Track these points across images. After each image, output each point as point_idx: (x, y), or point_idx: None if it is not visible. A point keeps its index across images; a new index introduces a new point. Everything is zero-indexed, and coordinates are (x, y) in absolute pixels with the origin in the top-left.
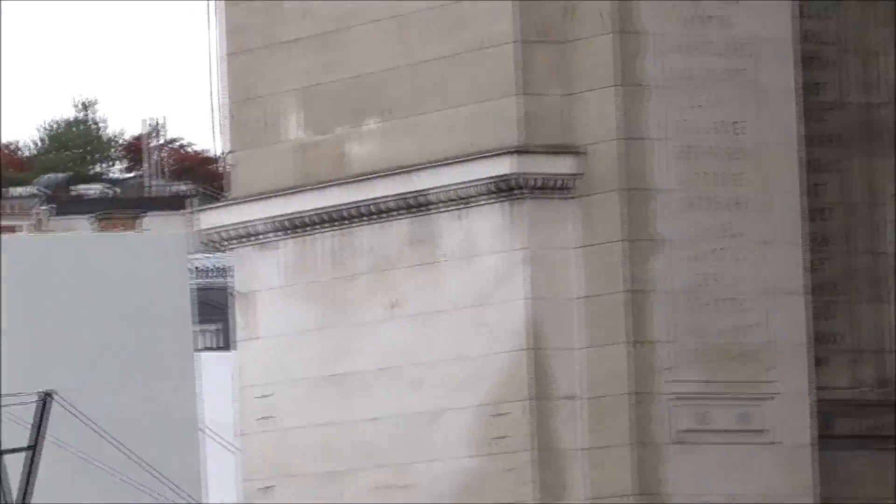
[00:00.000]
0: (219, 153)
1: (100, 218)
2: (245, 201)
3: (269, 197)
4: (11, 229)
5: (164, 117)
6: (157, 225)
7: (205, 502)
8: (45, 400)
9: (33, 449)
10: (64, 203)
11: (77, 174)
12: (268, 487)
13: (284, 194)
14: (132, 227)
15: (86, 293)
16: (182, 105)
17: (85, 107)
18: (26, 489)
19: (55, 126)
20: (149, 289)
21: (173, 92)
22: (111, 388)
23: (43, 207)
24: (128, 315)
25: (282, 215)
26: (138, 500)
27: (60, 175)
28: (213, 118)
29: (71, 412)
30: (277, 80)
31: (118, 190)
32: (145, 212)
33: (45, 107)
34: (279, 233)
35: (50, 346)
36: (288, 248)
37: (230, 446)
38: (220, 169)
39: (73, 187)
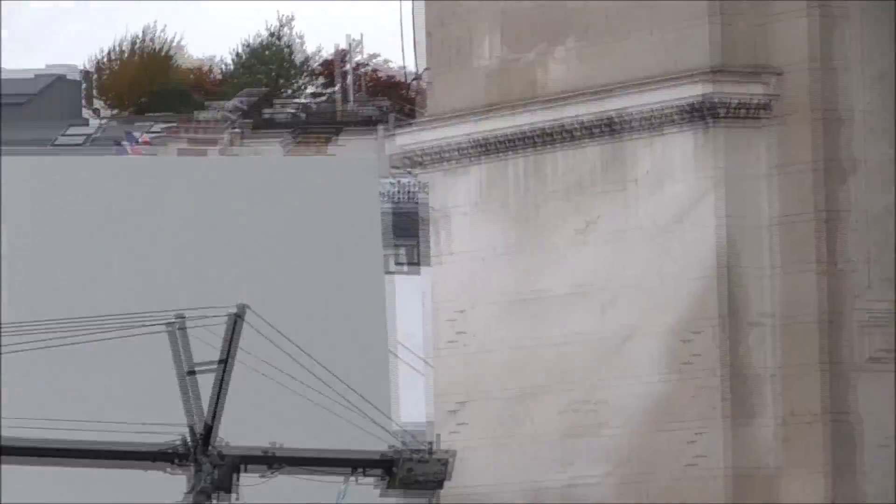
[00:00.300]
0: (413, 74)
1: (292, 139)
2: (441, 121)
3: (465, 117)
4: (202, 150)
5: (361, 35)
6: (349, 146)
7: (394, 421)
8: (238, 316)
9: (224, 364)
10: (256, 124)
11: (269, 94)
12: (459, 405)
13: (479, 115)
14: (324, 148)
15: (276, 214)
16: (377, 24)
17: (280, 27)
18: (216, 406)
19: (249, 45)
20: (340, 210)
21: (369, 11)
22: (302, 308)
23: (235, 130)
24: (319, 237)
25: (477, 136)
26: (328, 419)
27: (253, 95)
28: (402, 37)
29: (259, 331)
30: (474, 1)
31: (311, 110)
32: (338, 132)
33: (238, 25)
34: (474, 153)
35: (240, 266)
36: (482, 169)
37: (419, 365)
38: (415, 90)
39: (265, 109)
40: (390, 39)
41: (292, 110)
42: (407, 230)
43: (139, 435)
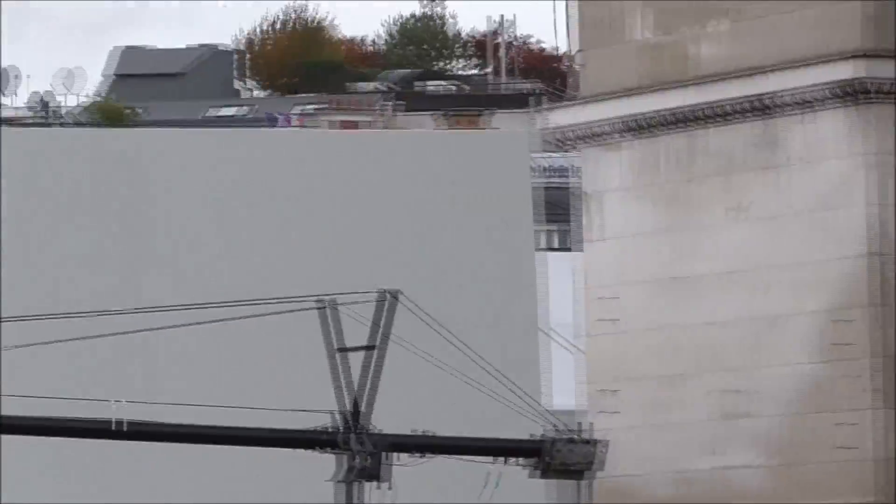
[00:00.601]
0: (564, 51)
1: (443, 115)
2: (593, 101)
3: (617, 97)
4: (354, 125)
5: (514, 15)
6: (500, 123)
7: (544, 403)
8: (391, 300)
9: (375, 349)
10: (408, 99)
11: (422, 70)
12: (604, 391)
13: (632, 95)
14: (475, 125)
15: (426, 191)
16: (528, 2)
17: (431, 4)
18: (369, 389)
19: (402, 21)
20: (490, 188)
21: None
22: (449, 286)
23: (387, 103)
24: (468, 214)
25: (629, 116)
26: (474, 402)
27: (405, 71)
28: (557, 17)
29: (414, 312)
30: None
31: (463, 87)
32: (489, 109)
33: (384, 5)
34: (626, 133)
35: (389, 243)
36: (635, 149)
37: (571, 347)
38: (566, 68)
39: (417, 83)
40: (542, 19)
41: (445, 86)
42: (559, 208)
43: (283, 420)
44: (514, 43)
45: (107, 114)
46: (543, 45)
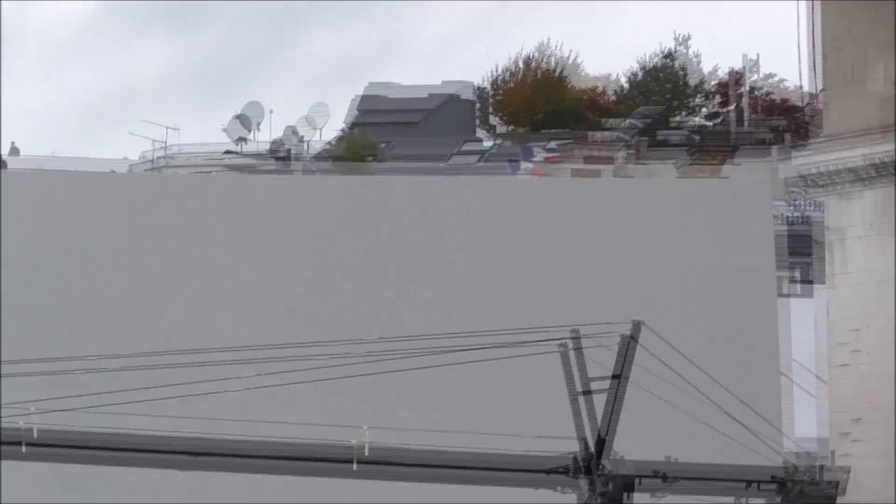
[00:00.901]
0: (809, 95)
1: (685, 160)
2: (837, 143)
3: (860, 139)
4: (597, 170)
5: (757, 55)
6: (742, 168)
7: (789, 438)
8: (631, 337)
9: (619, 380)
10: (650, 144)
11: (664, 115)
12: (853, 422)
13: (875, 137)
14: (717, 170)
15: (668, 236)
16: (773, 44)
17: (676, 46)
18: (610, 420)
19: (644, 66)
20: (732, 233)
21: (765, 31)
22: (692, 328)
23: (630, 150)
24: (711, 259)
25: (872, 158)
26: (717, 436)
27: (647, 116)
28: (800, 60)
29: (649, 349)
30: (867, 24)
31: (705, 131)
32: (732, 154)
33: (634, 44)
34: (869, 175)
35: (631, 288)
36: (877, 191)
37: (811, 386)
38: (809, 109)
39: (659, 129)
40: (785, 59)
41: (686, 131)
42: (800, 252)
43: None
44: (757, 88)
45: (349, 156)
46: (787, 87)
